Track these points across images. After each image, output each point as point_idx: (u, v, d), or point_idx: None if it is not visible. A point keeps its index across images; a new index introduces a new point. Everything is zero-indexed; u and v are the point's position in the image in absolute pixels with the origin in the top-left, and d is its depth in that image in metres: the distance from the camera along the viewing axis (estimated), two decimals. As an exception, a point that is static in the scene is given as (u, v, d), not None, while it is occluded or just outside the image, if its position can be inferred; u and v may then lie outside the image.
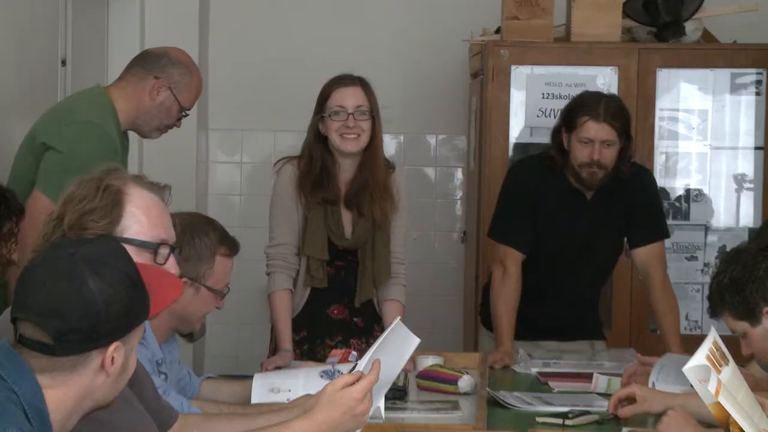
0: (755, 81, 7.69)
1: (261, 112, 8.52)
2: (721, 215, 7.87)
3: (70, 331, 2.83)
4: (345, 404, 3.36)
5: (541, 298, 6.06)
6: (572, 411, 4.58)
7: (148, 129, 5.58)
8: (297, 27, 8.52)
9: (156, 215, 3.48)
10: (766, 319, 4.09)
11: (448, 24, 8.27)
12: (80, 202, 3.36)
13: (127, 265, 2.96)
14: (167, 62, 5.51)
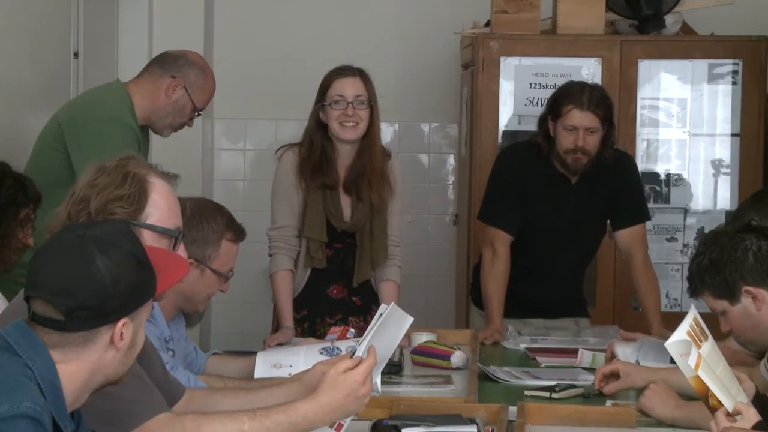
0: (731, 71, 7.70)
1: (263, 101, 8.52)
2: (699, 199, 7.87)
3: (80, 308, 2.83)
4: (348, 387, 3.37)
5: (529, 278, 6.07)
6: (559, 385, 4.58)
7: (161, 126, 5.58)
8: (297, 22, 8.52)
9: (173, 204, 3.52)
10: (745, 297, 4.08)
11: (440, 18, 8.26)
12: (106, 189, 3.39)
13: (134, 245, 2.97)
14: (184, 63, 5.56)
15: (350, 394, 3.37)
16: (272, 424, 3.36)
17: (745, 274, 4.07)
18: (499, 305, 5.94)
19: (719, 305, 4.08)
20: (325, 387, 3.38)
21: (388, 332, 3.63)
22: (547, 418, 4.08)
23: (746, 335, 4.15)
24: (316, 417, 3.37)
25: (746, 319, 4.10)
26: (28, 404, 2.69)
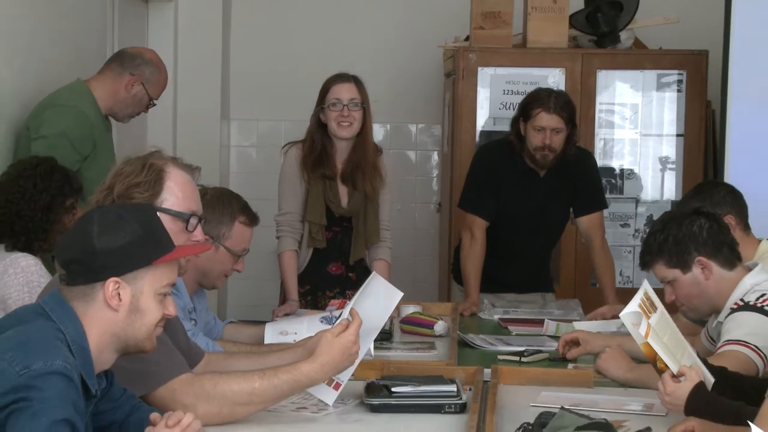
0: (677, 80, 7.71)
1: (271, 105, 8.50)
2: (648, 190, 7.87)
3: (72, 260, 2.87)
4: (342, 347, 3.44)
5: (502, 258, 6.07)
6: (527, 350, 4.57)
7: (122, 115, 5.65)
8: (302, 36, 8.50)
9: (189, 191, 3.50)
10: (696, 267, 4.07)
11: (426, 33, 8.24)
12: (128, 177, 3.39)
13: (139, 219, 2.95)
14: (141, 62, 5.57)
15: (344, 353, 3.44)
16: (279, 381, 3.39)
17: (699, 246, 4.07)
18: (476, 282, 5.96)
19: (671, 274, 4.07)
20: (322, 349, 3.44)
21: (378, 303, 3.65)
22: (517, 379, 4.07)
23: (691, 302, 4.13)
24: (317, 375, 3.43)
25: (694, 287, 4.09)
26: (60, 362, 2.69)
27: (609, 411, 3.51)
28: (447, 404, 3.56)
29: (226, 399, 3.33)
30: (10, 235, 4.57)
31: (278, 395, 3.43)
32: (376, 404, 3.57)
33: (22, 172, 4.65)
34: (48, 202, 4.59)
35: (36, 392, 2.61)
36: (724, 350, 3.86)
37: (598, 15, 7.60)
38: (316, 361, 3.43)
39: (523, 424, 2.93)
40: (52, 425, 2.58)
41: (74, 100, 5.34)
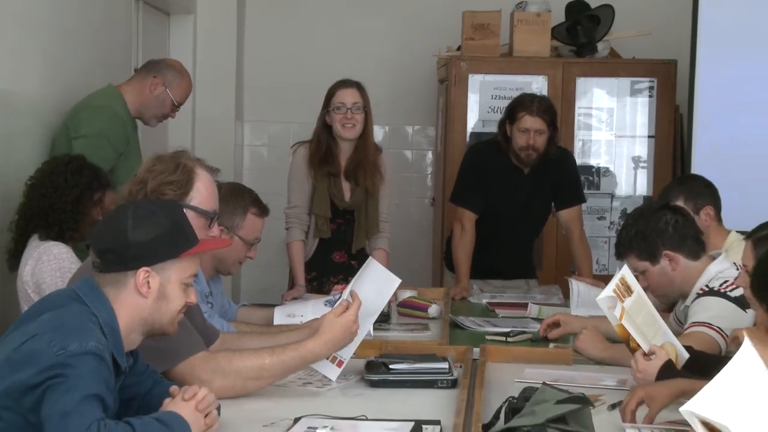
0: (648, 87, 7.72)
1: (281, 108, 8.49)
2: (622, 187, 7.88)
3: (106, 251, 2.88)
4: (343, 326, 3.47)
5: (490, 248, 6.05)
6: (512, 331, 4.58)
7: (148, 116, 5.57)
8: (310, 46, 8.49)
9: (213, 191, 3.54)
10: (664, 259, 4.10)
11: (422, 43, 8.23)
12: (161, 174, 3.41)
13: (169, 215, 2.98)
14: (164, 66, 5.56)
15: (345, 331, 3.47)
16: (287, 358, 3.42)
17: (665, 240, 4.09)
18: (466, 269, 5.96)
19: (642, 265, 4.10)
20: (325, 328, 3.47)
21: (377, 288, 3.67)
22: (503, 357, 4.07)
23: (661, 290, 4.16)
24: (321, 351, 3.46)
25: (663, 277, 4.12)
26: (93, 343, 2.70)
27: (586, 386, 3.52)
28: (440, 380, 3.56)
29: (239, 374, 3.35)
30: (44, 226, 4.57)
31: (286, 370, 3.45)
32: (375, 380, 3.58)
33: (54, 169, 4.67)
34: (78, 196, 4.60)
35: (71, 370, 2.62)
36: (690, 331, 3.88)
37: (577, 27, 7.61)
38: (319, 338, 3.46)
39: (509, 398, 2.93)
40: (84, 399, 2.59)
41: (108, 102, 5.33)
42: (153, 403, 2.95)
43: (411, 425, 2.75)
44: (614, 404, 3.31)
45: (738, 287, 3.85)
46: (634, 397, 3.08)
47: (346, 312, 3.49)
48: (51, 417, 2.58)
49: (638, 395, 3.08)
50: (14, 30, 4.96)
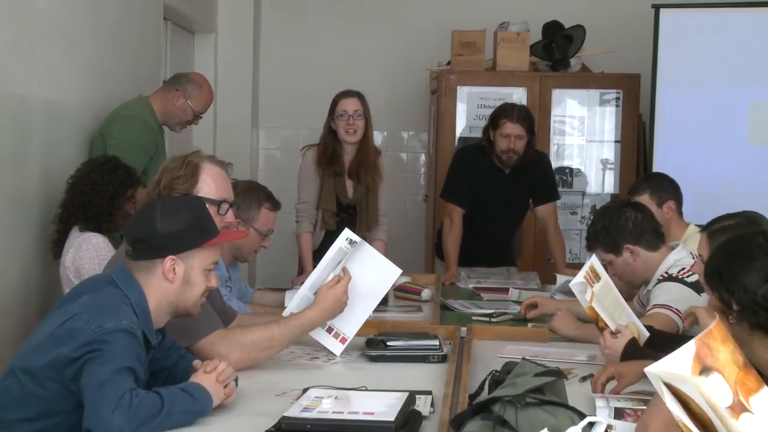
0: (615, 98, 7.71)
1: (292, 116, 8.48)
2: (592, 185, 7.88)
3: (137, 240, 2.90)
4: (334, 296, 3.55)
5: (476, 239, 6.04)
6: (495, 312, 4.58)
7: (172, 124, 5.56)
8: (317, 60, 8.49)
9: (221, 181, 3.51)
10: (626, 252, 4.11)
11: (416, 58, 8.22)
12: (171, 171, 3.42)
13: (191, 208, 3.00)
14: (185, 80, 5.54)
15: (336, 301, 3.55)
16: (291, 327, 3.48)
17: (626, 236, 4.11)
18: (454, 257, 5.96)
19: (608, 257, 4.11)
20: (319, 299, 3.55)
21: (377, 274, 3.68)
22: (487, 335, 4.07)
23: (626, 278, 4.18)
24: (317, 318, 3.54)
25: (626, 267, 4.14)
26: (126, 322, 2.71)
27: (560, 361, 3.52)
28: (431, 355, 3.55)
29: (254, 346, 3.36)
30: (84, 219, 4.59)
31: (292, 338, 3.50)
32: (374, 355, 3.57)
33: (92, 169, 4.69)
34: (113, 193, 4.61)
35: (107, 345, 2.63)
36: (652, 312, 3.88)
37: (553, 45, 7.62)
38: (315, 308, 3.53)
39: (492, 371, 2.93)
40: (118, 371, 2.60)
41: (139, 112, 5.33)
42: (178, 375, 2.96)
43: (406, 395, 2.75)
44: (585, 377, 3.31)
45: (694, 274, 3.85)
46: (605, 373, 3.08)
47: (337, 285, 3.55)
48: (89, 386, 2.59)
49: (609, 371, 3.08)
50: (61, 47, 4.97)
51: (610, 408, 2.80)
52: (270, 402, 2.91)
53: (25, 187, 4.66)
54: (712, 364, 1.66)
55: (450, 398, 2.93)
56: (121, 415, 2.52)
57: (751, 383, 1.68)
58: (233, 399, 2.87)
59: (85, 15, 5.31)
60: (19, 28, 4.53)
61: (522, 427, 2.41)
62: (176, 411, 2.64)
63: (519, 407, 2.48)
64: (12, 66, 4.47)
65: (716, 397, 1.67)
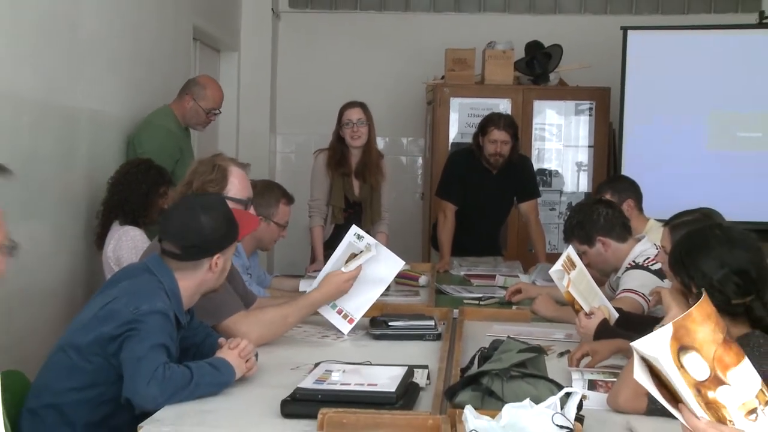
0: (588, 108, 7.72)
1: (305, 123, 8.47)
2: (569, 185, 7.88)
3: (192, 247, 2.88)
4: (336, 282, 3.59)
5: (466, 232, 6.04)
6: (484, 296, 4.59)
7: (193, 124, 5.55)
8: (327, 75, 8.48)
9: (244, 182, 3.57)
10: (598, 243, 4.11)
11: (414, 73, 8.21)
12: (202, 175, 3.45)
13: (224, 209, 3.02)
14: (193, 83, 5.53)
15: (337, 287, 3.58)
16: (300, 306, 3.50)
17: (598, 229, 4.11)
18: (448, 248, 5.96)
19: (582, 248, 4.11)
20: (323, 282, 3.59)
21: (384, 266, 3.70)
22: (477, 316, 4.06)
23: (598, 266, 4.18)
24: (321, 298, 3.57)
25: (599, 256, 4.14)
26: (160, 304, 2.72)
27: (541, 339, 3.52)
28: (427, 334, 3.55)
29: (271, 324, 3.39)
30: (122, 214, 4.60)
31: (302, 315, 3.53)
32: (377, 334, 3.58)
33: (129, 170, 4.70)
34: (147, 191, 4.62)
35: (143, 325, 2.65)
36: (621, 296, 3.88)
37: (534, 62, 7.61)
38: (319, 290, 3.57)
39: (481, 348, 2.92)
40: (153, 347, 2.61)
41: (162, 120, 5.33)
42: (205, 351, 2.96)
43: (405, 369, 2.75)
44: (562, 353, 3.31)
45: (657, 262, 3.85)
46: (581, 350, 3.08)
47: (339, 276, 3.57)
48: (127, 360, 2.60)
49: (584, 348, 3.08)
50: (104, 64, 4.98)
51: (584, 380, 2.80)
52: (286, 375, 2.91)
53: (73, 187, 4.66)
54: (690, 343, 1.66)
55: (444, 372, 2.94)
56: (155, 386, 2.53)
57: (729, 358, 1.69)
58: (254, 372, 2.87)
59: (125, 37, 5.32)
60: (68, 49, 4.55)
61: (507, 397, 2.41)
62: (203, 383, 2.64)
63: (505, 380, 2.48)
64: (62, 82, 4.48)
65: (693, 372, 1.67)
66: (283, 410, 2.47)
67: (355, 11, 8.63)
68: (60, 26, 4.45)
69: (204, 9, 7.04)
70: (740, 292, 2.49)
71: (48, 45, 4.32)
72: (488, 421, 2.20)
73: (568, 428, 2.16)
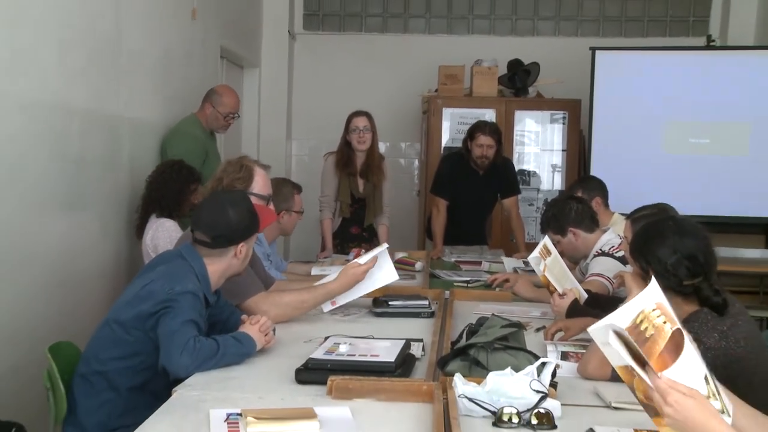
0: (562, 117, 7.71)
1: (317, 130, 8.47)
2: (545, 183, 7.88)
3: (220, 236, 2.88)
4: (353, 274, 3.50)
5: (456, 224, 6.03)
6: (471, 279, 4.58)
7: (215, 128, 5.47)
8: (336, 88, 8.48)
9: (266, 181, 3.58)
10: (569, 233, 4.10)
11: (411, 87, 8.23)
12: (231, 173, 3.47)
13: (248, 204, 3.01)
14: (212, 92, 5.47)
15: (353, 278, 3.50)
16: (317, 293, 3.46)
17: (570, 221, 4.10)
18: (440, 238, 5.95)
19: (556, 238, 4.10)
20: (341, 275, 3.51)
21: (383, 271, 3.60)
22: (465, 297, 4.06)
23: (570, 254, 4.16)
24: (337, 289, 3.50)
25: (570, 245, 4.12)
26: (191, 286, 2.72)
27: (521, 316, 3.51)
28: (422, 312, 3.55)
29: (288, 305, 3.37)
30: (159, 208, 4.60)
31: (317, 302, 3.48)
32: (379, 312, 3.58)
33: (164, 170, 4.69)
34: (180, 188, 4.61)
35: (176, 303, 2.65)
36: (590, 280, 3.87)
37: (515, 77, 7.60)
38: (337, 282, 3.49)
39: (468, 324, 2.93)
40: (185, 323, 2.61)
41: (188, 128, 5.29)
42: (230, 326, 2.96)
43: (403, 342, 2.75)
44: (539, 328, 3.31)
45: (620, 250, 3.86)
46: (555, 326, 3.09)
47: (357, 268, 3.50)
48: (163, 334, 2.61)
49: (558, 325, 3.09)
50: (143, 78, 4.98)
51: (558, 352, 2.80)
52: (299, 347, 2.90)
53: (116, 185, 4.66)
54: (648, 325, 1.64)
55: (436, 344, 2.93)
56: (187, 356, 2.53)
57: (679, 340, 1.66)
58: (272, 344, 2.87)
59: (161, 54, 5.31)
60: (112, 66, 4.54)
61: (491, 366, 2.41)
62: (228, 353, 2.64)
63: (489, 351, 2.48)
64: (107, 94, 4.47)
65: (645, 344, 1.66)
66: (297, 377, 2.47)
67: (361, 33, 8.63)
68: (105, 47, 4.45)
69: (230, 31, 7.04)
70: (690, 275, 2.51)
71: (95, 63, 4.32)
72: (475, 387, 2.20)
73: (544, 393, 2.17)
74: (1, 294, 3.48)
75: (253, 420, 2.02)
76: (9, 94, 3.49)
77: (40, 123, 3.76)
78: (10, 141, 3.51)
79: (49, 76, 3.83)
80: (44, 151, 3.81)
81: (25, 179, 3.64)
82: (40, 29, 3.73)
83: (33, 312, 3.72)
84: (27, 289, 3.69)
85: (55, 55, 3.88)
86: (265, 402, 2.27)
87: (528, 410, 2.11)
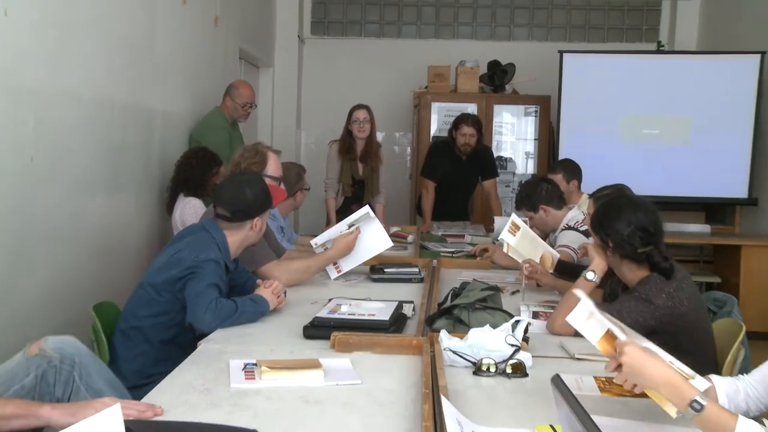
0: (534, 111, 7.69)
1: (323, 121, 8.43)
2: (519, 168, 7.86)
3: (238, 211, 2.86)
4: (346, 243, 3.52)
5: (443, 203, 6.01)
6: (456, 250, 4.58)
7: (235, 117, 5.37)
8: (339, 85, 8.44)
9: (278, 164, 3.57)
10: (541, 210, 4.07)
11: (404, 84, 8.21)
12: (248, 158, 3.45)
13: (262, 183, 2.99)
14: (230, 87, 5.41)
15: (346, 246, 3.52)
16: (319, 259, 3.47)
17: (541, 199, 4.07)
18: (429, 214, 5.91)
19: (529, 214, 4.09)
20: (334, 245, 3.52)
21: (375, 238, 3.60)
22: (450, 265, 4.07)
23: (541, 228, 4.14)
24: (333, 255, 3.51)
25: (541, 220, 4.11)
26: (213, 255, 2.71)
27: (498, 281, 3.51)
28: (413, 278, 3.55)
29: (297, 271, 3.36)
30: (185, 188, 4.58)
31: (320, 266, 3.49)
32: (376, 278, 3.57)
33: (190, 155, 4.66)
34: (204, 171, 4.58)
35: (200, 269, 2.64)
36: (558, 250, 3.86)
37: (494, 75, 7.58)
38: (332, 250, 3.51)
39: (453, 288, 2.93)
40: (208, 286, 2.60)
41: (214, 120, 5.25)
42: (247, 289, 2.95)
43: (396, 303, 2.75)
44: (514, 291, 3.31)
45: (584, 225, 3.85)
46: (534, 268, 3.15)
47: (348, 236, 3.52)
48: (190, 295, 2.60)
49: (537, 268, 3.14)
50: (173, 76, 4.94)
51: (530, 311, 2.81)
52: (307, 307, 2.90)
53: (149, 169, 4.64)
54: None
55: (425, 305, 2.94)
56: (210, 314, 2.53)
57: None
58: (283, 305, 2.86)
59: (189, 55, 5.27)
60: (148, 65, 4.52)
61: (472, 323, 2.42)
62: (245, 312, 2.64)
63: (470, 311, 2.48)
64: (142, 89, 4.45)
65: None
66: (304, 333, 2.47)
67: (360, 37, 8.58)
68: (142, 49, 4.42)
69: (247, 35, 6.99)
70: (643, 244, 2.52)
71: (133, 62, 4.29)
72: (458, 341, 2.20)
73: (517, 346, 2.17)
74: (55, 262, 3.50)
75: (266, 369, 2.03)
76: (61, 91, 3.48)
77: (87, 115, 3.75)
78: (63, 132, 3.51)
79: (94, 75, 3.82)
80: (91, 140, 3.81)
81: (75, 165, 3.65)
82: (87, 34, 3.71)
83: (80, 276, 3.73)
84: (76, 258, 3.70)
85: (100, 56, 3.86)
86: (277, 354, 2.27)
87: (504, 361, 2.11)
